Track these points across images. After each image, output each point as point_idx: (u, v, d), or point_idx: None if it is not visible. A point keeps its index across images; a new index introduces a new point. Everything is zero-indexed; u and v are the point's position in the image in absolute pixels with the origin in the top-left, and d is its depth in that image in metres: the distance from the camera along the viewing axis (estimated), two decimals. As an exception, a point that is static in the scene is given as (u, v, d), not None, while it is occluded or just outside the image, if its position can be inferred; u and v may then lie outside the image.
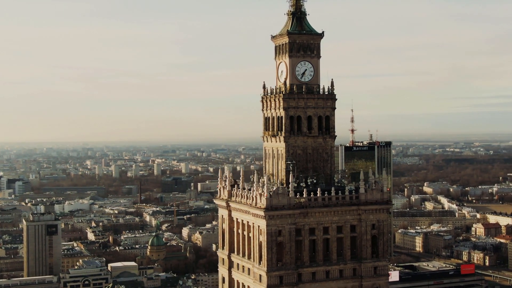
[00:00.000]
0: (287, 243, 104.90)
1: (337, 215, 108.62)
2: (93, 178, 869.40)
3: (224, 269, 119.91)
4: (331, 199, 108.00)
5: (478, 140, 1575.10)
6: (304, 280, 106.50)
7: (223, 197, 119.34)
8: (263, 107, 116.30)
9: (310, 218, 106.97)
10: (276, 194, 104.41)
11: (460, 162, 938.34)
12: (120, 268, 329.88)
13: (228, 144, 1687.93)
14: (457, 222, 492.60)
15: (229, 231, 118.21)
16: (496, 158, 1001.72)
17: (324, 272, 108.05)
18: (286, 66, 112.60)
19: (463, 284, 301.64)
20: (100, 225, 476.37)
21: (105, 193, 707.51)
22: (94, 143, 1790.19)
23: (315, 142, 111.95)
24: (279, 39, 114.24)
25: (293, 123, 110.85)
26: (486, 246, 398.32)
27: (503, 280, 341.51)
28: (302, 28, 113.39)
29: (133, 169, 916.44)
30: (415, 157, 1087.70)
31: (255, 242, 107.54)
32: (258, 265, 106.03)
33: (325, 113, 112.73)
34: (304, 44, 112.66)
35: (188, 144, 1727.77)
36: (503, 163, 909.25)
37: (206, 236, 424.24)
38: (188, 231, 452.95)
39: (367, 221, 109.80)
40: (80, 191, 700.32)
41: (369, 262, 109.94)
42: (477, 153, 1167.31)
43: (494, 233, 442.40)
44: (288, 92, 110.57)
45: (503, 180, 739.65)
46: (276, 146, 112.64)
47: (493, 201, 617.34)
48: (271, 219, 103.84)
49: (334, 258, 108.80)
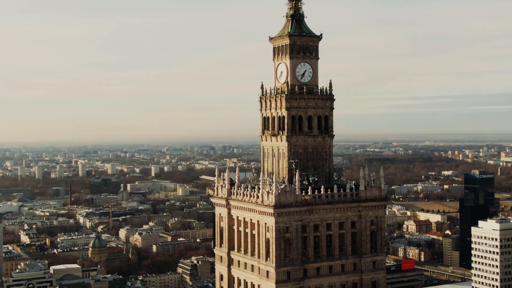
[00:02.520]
0: (294, 239, 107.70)
1: (339, 211, 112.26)
2: (16, 179, 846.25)
3: (223, 266, 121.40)
4: (334, 196, 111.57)
5: (396, 140, 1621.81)
6: (309, 275, 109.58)
7: (222, 196, 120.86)
8: (262, 107, 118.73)
9: (314, 215, 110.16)
10: (284, 192, 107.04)
11: (382, 162, 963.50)
12: (63, 271, 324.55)
13: (151, 144, 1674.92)
14: (389, 219, 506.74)
15: (228, 229, 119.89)
16: (415, 158, 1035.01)
17: (328, 267, 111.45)
18: (286, 67, 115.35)
19: (406, 279, 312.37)
20: (33, 228, 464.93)
21: (32, 195, 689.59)
22: (10, 144, 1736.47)
23: (315, 141, 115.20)
24: (278, 40, 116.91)
25: (294, 122, 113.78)
26: (420, 242, 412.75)
27: (440, 275, 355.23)
28: (301, 30, 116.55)
29: (57, 170, 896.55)
30: (338, 157, 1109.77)
31: (262, 239, 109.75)
32: (265, 262, 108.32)
33: (324, 113, 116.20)
34: (304, 45, 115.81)
35: (110, 144, 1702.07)
36: (423, 163, 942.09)
37: (146, 237, 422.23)
38: (126, 233, 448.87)
39: (366, 217, 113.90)
40: (5, 193, 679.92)
41: (368, 257, 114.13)
42: (397, 152, 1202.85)
43: (425, 229, 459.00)
44: (290, 92, 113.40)
45: (426, 178, 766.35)
46: (276, 145, 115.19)
47: (418, 199, 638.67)
48: (280, 216, 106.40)
49: (336, 254, 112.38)
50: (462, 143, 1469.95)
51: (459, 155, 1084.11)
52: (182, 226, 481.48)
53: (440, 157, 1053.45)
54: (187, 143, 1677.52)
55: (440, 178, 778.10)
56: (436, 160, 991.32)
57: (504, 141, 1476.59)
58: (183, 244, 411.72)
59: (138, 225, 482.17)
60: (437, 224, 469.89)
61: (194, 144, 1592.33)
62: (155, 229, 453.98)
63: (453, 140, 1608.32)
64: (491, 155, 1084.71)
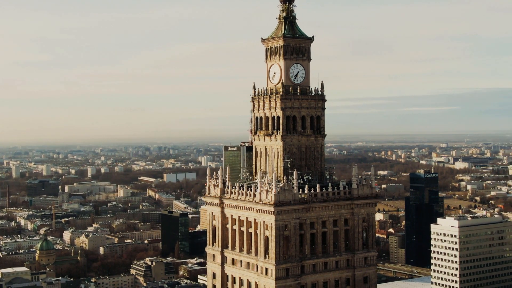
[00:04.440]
0: (292, 237, 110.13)
1: (333, 209, 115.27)
2: None
3: (216, 265, 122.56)
4: (329, 194, 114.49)
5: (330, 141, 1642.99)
6: (306, 271, 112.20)
7: (215, 195, 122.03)
8: (254, 107, 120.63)
9: (311, 213, 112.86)
10: (283, 190, 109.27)
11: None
12: (11, 274, 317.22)
13: (83, 145, 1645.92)
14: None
15: (222, 228, 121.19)
16: (351, 158, 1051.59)
17: (323, 264, 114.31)
18: (280, 68, 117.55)
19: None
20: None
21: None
22: None
23: (308, 140, 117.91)
24: (271, 42, 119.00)
25: (289, 122, 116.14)
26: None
27: (388, 272, 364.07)
28: (294, 32, 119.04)
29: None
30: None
31: (260, 237, 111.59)
32: (264, 259, 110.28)
33: (316, 113, 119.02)
34: (297, 47, 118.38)
35: (41, 145, 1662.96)
36: (358, 163, 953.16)
37: (93, 239, 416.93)
38: (70, 235, 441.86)
39: (359, 215, 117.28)
40: None
41: (360, 253, 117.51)
42: (332, 153, 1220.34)
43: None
44: (285, 93, 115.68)
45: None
46: (270, 144, 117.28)
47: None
48: (279, 214, 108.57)
49: (331, 250, 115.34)
50: (393, 144, 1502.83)
51: (392, 155, 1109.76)
52: (128, 228, 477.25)
53: (374, 157, 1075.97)
54: (120, 144, 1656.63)
55: (377, 178, 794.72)
56: (370, 161, 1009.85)
57: (433, 142, 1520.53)
58: (131, 245, 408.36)
59: (82, 227, 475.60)
60: (380, 222, 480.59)
61: (128, 145, 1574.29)
62: (101, 230, 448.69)
63: (384, 141, 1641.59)
64: (422, 155, 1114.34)
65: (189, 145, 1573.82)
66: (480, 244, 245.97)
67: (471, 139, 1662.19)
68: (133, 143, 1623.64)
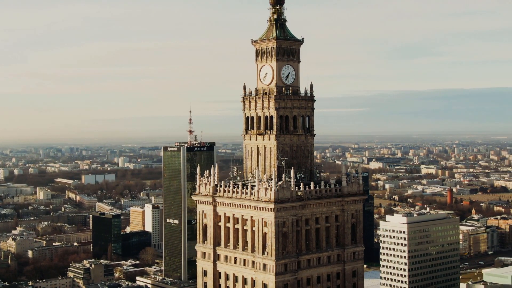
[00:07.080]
0: (290, 233, 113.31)
1: (326, 206, 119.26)
2: None
3: (207, 262, 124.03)
4: (322, 191, 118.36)
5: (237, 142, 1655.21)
6: (302, 267, 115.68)
7: (207, 193, 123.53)
8: (245, 107, 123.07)
9: (306, 210, 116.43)
10: (281, 188, 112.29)
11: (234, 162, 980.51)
12: None
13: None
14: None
15: (214, 226, 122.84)
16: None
17: (317, 259, 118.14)
18: (272, 69, 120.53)
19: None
20: None
21: None
22: None
23: (299, 140, 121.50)
24: (263, 43, 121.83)
25: (282, 122, 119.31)
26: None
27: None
28: (285, 34, 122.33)
29: None
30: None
31: (258, 233, 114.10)
32: (262, 255, 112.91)
33: (306, 113, 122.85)
34: (288, 49, 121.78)
35: None
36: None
37: (21, 243, 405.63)
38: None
39: (348, 211, 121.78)
40: None
41: (350, 248, 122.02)
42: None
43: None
44: (278, 93, 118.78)
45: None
46: (263, 144, 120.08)
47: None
48: (279, 211, 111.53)
49: (323, 246, 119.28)
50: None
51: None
52: (54, 231, 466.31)
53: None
54: (30, 144, 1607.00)
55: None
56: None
57: (345, 142, 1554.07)
58: (60, 248, 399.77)
59: (5, 230, 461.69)
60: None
61: (38, 146, 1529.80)
62: (27, 234, 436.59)
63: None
64: (337, 155, 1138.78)
65: (102, 146, 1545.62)
66: (427, 239, 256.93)
67: (380, 139, 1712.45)
68: (44, 144, 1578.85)
